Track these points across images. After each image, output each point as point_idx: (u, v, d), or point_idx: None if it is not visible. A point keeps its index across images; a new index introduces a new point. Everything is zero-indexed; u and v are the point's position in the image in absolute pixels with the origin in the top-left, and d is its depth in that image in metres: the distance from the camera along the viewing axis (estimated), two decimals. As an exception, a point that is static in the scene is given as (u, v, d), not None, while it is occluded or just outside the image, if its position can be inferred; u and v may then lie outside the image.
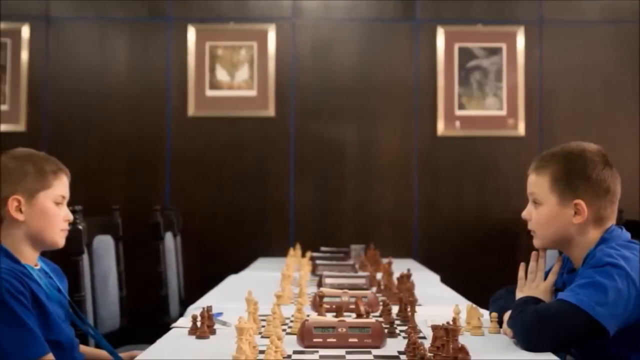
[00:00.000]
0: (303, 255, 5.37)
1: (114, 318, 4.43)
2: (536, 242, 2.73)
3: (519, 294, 2.67)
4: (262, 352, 2.20)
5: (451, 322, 2.28)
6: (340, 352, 2.38)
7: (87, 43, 6.77)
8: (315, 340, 2.43)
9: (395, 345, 2.48)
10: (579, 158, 2.66)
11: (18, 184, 2.67)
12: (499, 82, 6.71)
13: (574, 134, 6.04)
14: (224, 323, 2.79)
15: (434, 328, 2.30)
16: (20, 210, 2.67)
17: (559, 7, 6.76)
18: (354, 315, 2.87)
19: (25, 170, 2.69)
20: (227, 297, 3.73)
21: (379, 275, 4.27)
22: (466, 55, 6.72)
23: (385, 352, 2.39)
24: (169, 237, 5.59)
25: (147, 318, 4.68)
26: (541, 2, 6.75)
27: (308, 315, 2.71)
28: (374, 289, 3.84)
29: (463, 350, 2.19)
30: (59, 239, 2.77)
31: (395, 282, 3.76)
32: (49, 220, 2.72)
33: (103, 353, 2.99)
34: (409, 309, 2.86)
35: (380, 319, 2.73)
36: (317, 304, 2.95)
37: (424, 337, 2.58)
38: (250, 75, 6.71)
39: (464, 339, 2.39)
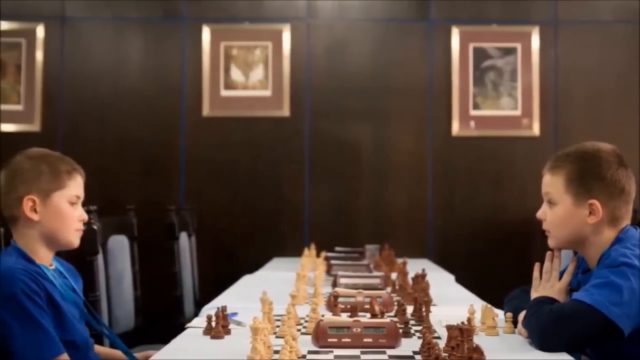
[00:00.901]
0: (318, 255, 5.37)
1: (129, 318, 4.43)
2: (551, 242, 2.73)
3: (533, 294, 2.67)
4: (276, 352, 2.20)
5: (466, 322, 2.28)
6: (355, 352, 2.38)
7: (102, 43, 6.79)
8: (329, 340, 2.43)
9: (410, 345, 2.48)
10: (594, 158, 2.65)
11: (33, 184, 2.68)
12: (513, 82, 6.69)
13: (588, 133, 6.03)
14: (238, 323, 2.80)
15: (449, 328, 2.30)
16: (35, 210, 2.67)
17: (574, 7, 6.74)
18: (368, 315, 2.87)
19: (40, 170, 2.70)
20: (241, 297, 3.73)
21: (393, 275, 4.26)
22: (481, 55, 6.71)
23: (399, 352, 2.39)
24: (183, 237, 5.60)
25: (162, 318, 4.68)
26: (556, 2, 6.73)
27: (323, 315, 2.71)
28: (389, 289, 3.84)
29: (478, 350, 2.18)
30: (74, 239, 2.77)
31: (410, 282, 3.76)
32: (64, 220, 2.72)
33: (118, 353, 2.99)
34: (423, 309, 2.86)
35: (395, 319, 2.74)
36: (332, 304, 2.95)
37: (438, 337, 2.57)
38: (265, 75, 6.71)
39: (479, 339, 2.38)
